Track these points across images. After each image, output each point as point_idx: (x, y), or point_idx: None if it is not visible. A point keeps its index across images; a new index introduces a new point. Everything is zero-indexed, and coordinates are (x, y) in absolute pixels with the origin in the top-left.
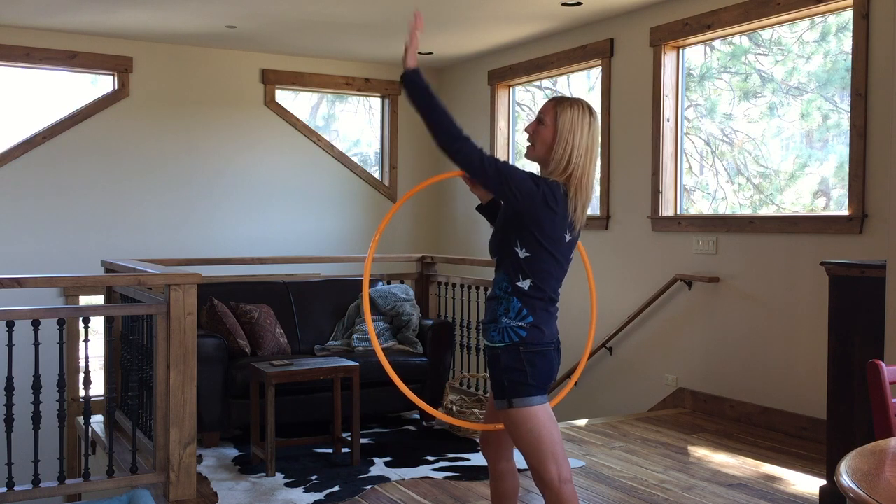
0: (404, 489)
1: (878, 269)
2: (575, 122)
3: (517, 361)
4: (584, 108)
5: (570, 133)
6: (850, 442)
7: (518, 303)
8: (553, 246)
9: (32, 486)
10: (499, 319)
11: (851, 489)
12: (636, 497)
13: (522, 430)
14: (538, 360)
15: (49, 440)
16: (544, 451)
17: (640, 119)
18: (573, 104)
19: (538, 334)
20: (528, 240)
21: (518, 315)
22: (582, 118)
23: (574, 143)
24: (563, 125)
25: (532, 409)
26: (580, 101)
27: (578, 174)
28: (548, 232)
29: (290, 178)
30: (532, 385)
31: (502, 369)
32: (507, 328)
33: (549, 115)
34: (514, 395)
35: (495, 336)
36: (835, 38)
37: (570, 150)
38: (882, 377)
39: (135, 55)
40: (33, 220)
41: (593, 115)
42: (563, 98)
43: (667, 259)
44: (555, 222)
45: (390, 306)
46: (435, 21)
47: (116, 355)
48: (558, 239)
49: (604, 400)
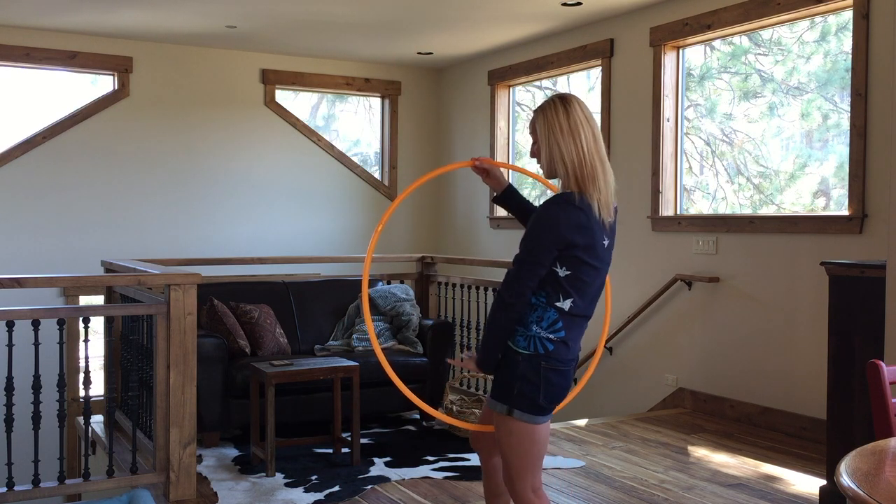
0: (404, 489)
1: (878, 269)
2: (550, 123)
3: (535, 374)
4: (554, 103)
5: (549, 137)
6: (850, 442)
7: (555, 314)
8: (594, 258)
9: (32, 486)
10: (529, 326)
11: (851, 489)
12: (636, 497)
13: (513, 439)
14: (556, 378)
15: (49, 440)
16: (526, 464)
17: (640, 119)
18: (543, 108)
19: (564, 350)
20: (569, 260)
21: (551, 327)
22: (555, 114)
23: (559, 143)
24: (541, 133)
25: (531, 426)
26: (550, 98)
27: (579, 167)
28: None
29: (290, 178)
30: (540, 405)
31: (517, 376)
32: (536, 337)
33: (533, 132)
34: (518, 407)
35: (521, 341)
36: (835, 38)
37: (558, 151)
38: (882, 377)
39: (135, 55)
40: (33, 220)
41: (566, 102)
42: (536, 108)
43: (667, 259)
44: (593, 238)
45: (390, 306)
46: (435, 21)
47: (116, 355)
48: (599, 248)
49: (604, 400)
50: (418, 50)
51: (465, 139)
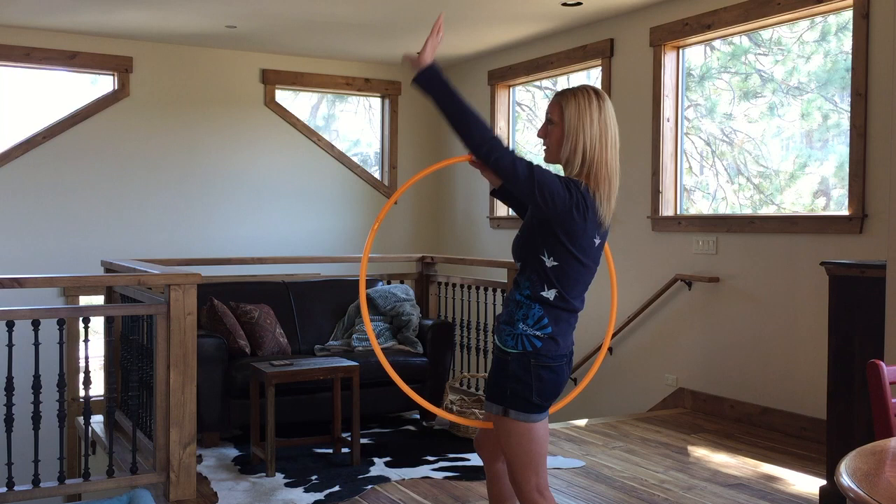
0: (404, 489)
1: (878, 269)
2: (582, 112)
3: (525, 373)
4: (588, 93)
5: (578, 124)
6: (850, 442)
7: (540, 310)
8: (583, 253)
9: (32, 486)
10: (516, 324)
11: (851, 489)
12: (636, 497)
13: (512, 439)
14: (547, 374)
15: (49, 440)
16: (528, 463)
17: (640, 119)
18: (577, 93)
19: (553, 346)
20: (557, 248)
21: (537, 324)
22: (588, 105)
23: (585, 134)
24: (569, 118)
25: (528, 424)
26: (584, 87)
27: (597, 166)
28: (578, 240)
29: (290, 178)
30: (534, 403)
31: (508, 376)
32: (523, 335)
33: (556, 112)
34: (512, 407)
35: (509, 340)
36: (835, 38)
37: (583, 142)
38: (882, 377)
39: (135, 55)
40: (33, 220)
41: (601, 98)
42: (566, 90)
43: (667, 259)
44: (585, 230)
45: (390, 306)
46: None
47: (116, 355)
48: (588, 245)
49: (604, 400)
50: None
51: None
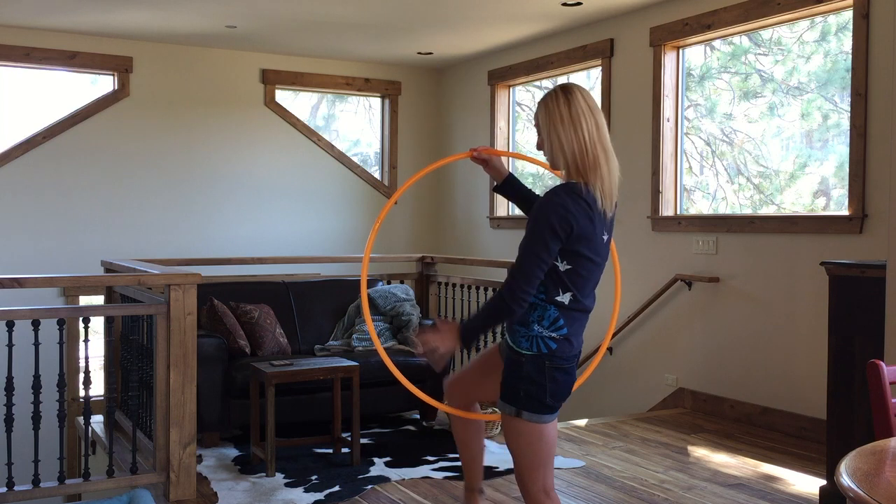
0: (404, 489)
1: (878, 269)
2: (551, 112)
3: (540, 375)
4: (555, 92)
5: (551, 126)
6: (850, 442)
7: (555, 312)
8: (595, 252)
9: (32, 486)
10: (531, 326)
11: (851, 489)
12: (636, 497)
13: (522, 440)
14: (561, 376)
15: (49, 440)
16: (536, 463)
17: (640, 119)
18: (545, 97)
19: (567, 347)
20: (569, 253)
21: (553, 325)
22: (556, 104)
23: (559, 133)
24: (543, 123)
25: (539, 426)
26: (553, 88)
27: (581, 156)
28: (591, 241)
29: (290, 178)
30: (547, 404)
31: (522, 377)
32: (539, 337)
33: (536, 123)
34: (525, 408)
35: (523, 342)
36: (835, 38)
37: (559, 141)
38: (882, 377)
39: (135, 55)
40: (33, 220)
41: (568, 92)
42: (541, 98)
43: (667, 259)
44: (594, 230)
45: (390, 306)
46: (435, 21)
47: (116, 355)
48: (599, 242)
49: (604, 400)
50: (418, 50)
51: (466, 139)
